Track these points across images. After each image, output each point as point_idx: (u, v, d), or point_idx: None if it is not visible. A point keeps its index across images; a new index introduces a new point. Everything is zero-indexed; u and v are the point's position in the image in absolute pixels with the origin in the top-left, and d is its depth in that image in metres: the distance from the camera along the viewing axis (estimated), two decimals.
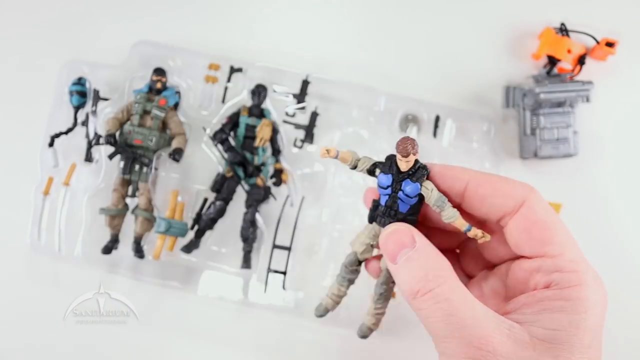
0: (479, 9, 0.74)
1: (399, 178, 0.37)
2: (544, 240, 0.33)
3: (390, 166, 0.37)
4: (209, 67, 0.70)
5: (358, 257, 0.41)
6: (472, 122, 0.70)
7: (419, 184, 0.36)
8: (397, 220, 0.37)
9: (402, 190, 0.37)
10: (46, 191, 0.68)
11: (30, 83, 0.72)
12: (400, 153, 0.35)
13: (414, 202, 0.37)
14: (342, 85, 0.69)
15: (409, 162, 0.36)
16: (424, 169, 0.37)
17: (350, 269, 0.41)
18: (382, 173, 0.37)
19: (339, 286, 0.42)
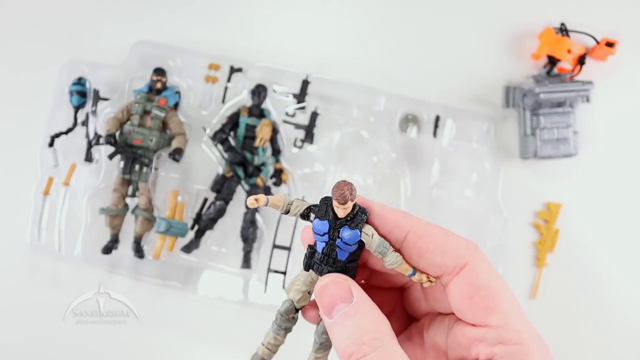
0: (479, 9, 0.74)
1: (336, 225, 0.33)
2: (487, 308, 0.31)
3: (326, 211, 0.33)
4: (209, 67, 0.70)
5: (295, 305, 0.37)
6: (472, 122, 0.70)
7: (358, 231, 0.33)
8: (336, 269, 0.34)
9: (340, 238, 0.33)
10: (46, 191, 0.68)
11: (30, 83, 0.72)
12: (337, 200, 0.32)
13: (354, 249, 0.34)
14: (342, 85, 0.69)
15: (347, 209, 0.33)
16: (363, 213, 0.33)
17: (286, 317, 0.38)
18: (318, 219, 0.34)
19: (275, 335, 0.39)
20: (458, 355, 0.33)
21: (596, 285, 0.70)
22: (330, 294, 0.33)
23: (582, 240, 0.70)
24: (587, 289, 0.70)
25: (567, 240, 0.70)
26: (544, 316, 0.68)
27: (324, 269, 0.35)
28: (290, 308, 0.38)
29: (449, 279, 0.32)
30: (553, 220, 0.70)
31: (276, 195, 0.34)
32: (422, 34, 0.74)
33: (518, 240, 0.70)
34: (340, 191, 0.32)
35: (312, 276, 0.36)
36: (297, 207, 0.34)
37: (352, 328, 0.31)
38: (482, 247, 0.71)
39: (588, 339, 0.69)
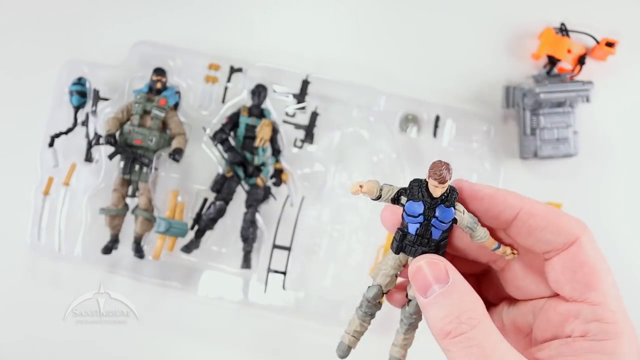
0: (479, 9, 0.74)
1: (431, 205, 0.34)
2: (588, 284, 0.32)
3: (420, 192, 0.34)
4: (209, 67, 0.70)
5: (382, 290, 0.38)
6: (472, 122, 0.70)
7: (453, 209, 0.34)
8: (431, 248, 0.35)
9: (436, 217, 0.34)
10: (46, 191, 0.68)
11: (30, 83, 0.72)
12: (437, 180, 0.33)
13: (447, 227, 0.35)
14: (342, 85, 0.69)
15: (444, 188, 0.33)
16: (454, 191, 0.35)
17: (373, 303, 0.38)
18: (412, 201, 0.35)
19: (361, 322, 0.39)
20: (548, 334, 0.33)
21: None
22: (427, 275, 0.34)
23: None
24: None
25: None
26: None
27: (417, 249, 0.36)
28: (378, 293, 0.38)
29: (554, 254, 0.33)
30: None
31: (370, 181, 0.34)
32: (422, 34, 0.74)
33: None
34: (439, 170, 0.33)
35: (401, 259, 0.37)
36: (388, 192, 0.35)
37: (450, 307, 0.32)
38: None
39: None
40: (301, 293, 0.67)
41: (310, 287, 0.68)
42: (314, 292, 0.68)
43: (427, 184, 0.34)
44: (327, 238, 0.68)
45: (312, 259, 0.68)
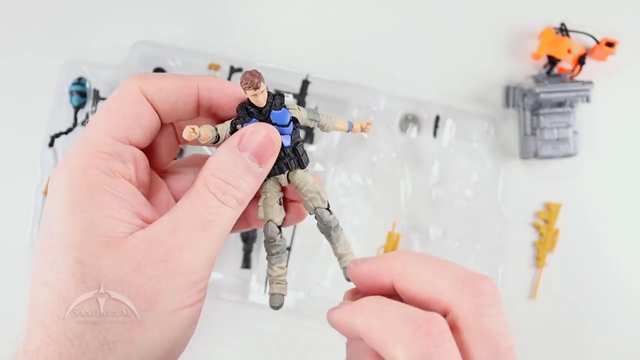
0: (479, 9, 0.74)
1: (263, 116, 0.33)
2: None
3: (248, 112, 0.33)
4: (209, 67, 0.70)
5: (276, 224, 0.36)
6: (472, 122, 0.70)
7: (285, 109, 0.33)
8: (291, 158, 0.34)
9: (275, 124, 0.33)
10: (46, 191, 0.68)
11: (30, 83, 0.72)
12: (251, 88, 0.32)
13: (291, 130, 0.34)
14: (342, 85, 0.69)
15: (264, 92, 0.33)
16: (279, 95, 0.34)
17: (274, 241, 0.36)
18: (245, 123, 0.33)
19: (277, 266, 0.37)
20: None
21: (597, 285, 0.70)
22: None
23: (582, 240, 0.70)
24: (588, 289, 0.70)
25: (567, 240, 0.70)
26: (544, 316, 0.68)
27: (280, 163, 0.34)
28: (272, 229, 0.36)
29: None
30: (553, 220, 0.70)
31: (204, 126, 0.33)
32: (422, 34, 0.74)
33: (518, 241, 0.70)
34: (247, 79, 0.32)
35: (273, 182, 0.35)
36: (224, 128, 0.34)
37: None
38: (482, 247, 0.71)
39: (588, 339, 0.69)
40: (301, 293, 0.67)
41: (310, 287, 0.68)
42: (314, 292, 0.68)
43: (249, 101, 0.33)
44: None
45: (312, 259, 0.68)
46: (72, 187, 0.29)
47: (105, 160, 0.29)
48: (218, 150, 0.32)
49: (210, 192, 0.31)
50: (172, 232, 0.29)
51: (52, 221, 0.29)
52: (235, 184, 0.31)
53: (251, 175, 0.32)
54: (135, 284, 0.28)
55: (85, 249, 0.28)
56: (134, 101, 0.31)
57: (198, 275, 0.30)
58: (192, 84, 0.33)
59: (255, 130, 0.32)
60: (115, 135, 0.30)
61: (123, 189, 0.30)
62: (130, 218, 0.30)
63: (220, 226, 0.31)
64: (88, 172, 0.29)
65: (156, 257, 0.29)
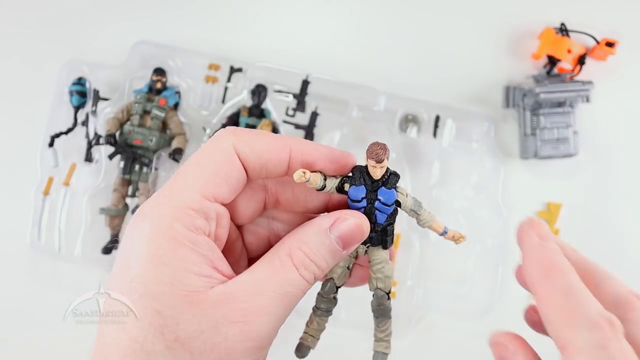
0: (479, 9, 0.74)
1: (372, 188, 0.34)
2: None
3: (361, 177, 0.34)
4: (209, 67, 0.70)
5: (335, 283, 0.38)
6: (472, 122, 0.70)
7: (394, 190, 0.34)
8: (377, 233, 0.35)
9: (379, 200, 0.34)
10: (46, 191, 0.68)
11: (30, 83, 0.72)
12: (373, 159, 0.33)
13: (391, 211, 0.35)
14: (342, 85, 0.69)
15: (383, 168, 0.33)
16: (395, 175, 0.35)
17: (327, 298, 0.38)
18: (354, 186, 0.34)
19: (318, 320, 0.39)
20: None
21: None
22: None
23: (582, 240, 0.70)
24: None
25: (567, 240, 0.70)
26: None
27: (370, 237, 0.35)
28: (331, 287, 0.38)
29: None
30: (553, 220, 0.70)
31: (315, 173, 0.34)
32: (422, 34, 0.74)
33: None
34: (375, 151, 0.33)
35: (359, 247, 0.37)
36: (332, 182, 0.35)
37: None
38: (482, 247, 0.71)
39: None
40: None
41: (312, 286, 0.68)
42: (313, 292, 0.68)
43: (367, 168, 0.34)
44: None
45: None
46: (156, 238, 0.29)
47: (190, 217, 0.30)
48: (310, 225, 0.33)
49: (293, 265, 0.32)
50: (252, 295, 0.30)
51: (131, 265, 0.29)
52: (318, 263, 0.33)
53: (333, 255, 0.33)
54: (211, 341, 0.29)
55: (166, 301, 0.29)
56: (226, 159, 0.32)
57: (268, 340, 0.32)
58: (285, 146, 0.33)
59: (350, 217, 0.33)
60: (204, 193, 0.31)
61: (204, 245, 0.30)
62: (210, 272, 0.30)
63: (296, 297, 0.33)
64: (174, 226, 0.29)
65: (234, 317, 0.30)
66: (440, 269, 0.68)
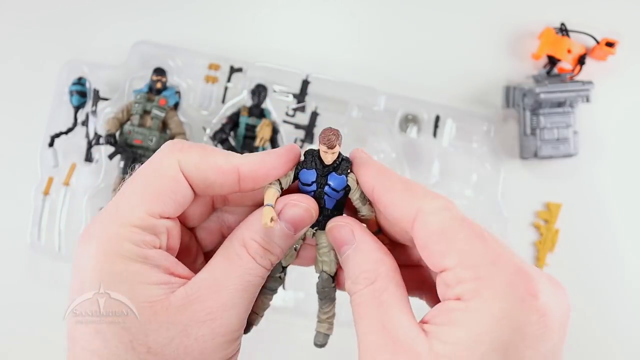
0: (479, 9, 0.74)
1: (323, 172, 0.34)
2: (440, 253, 0.30)
3: (312, 161, 0.34)
4: (209, 67, 0.70)
5: (282, 264, 0.37)
6: (472, 122, 0.70)
7: (345, 176, 0.34)
8: (325, 217, 0.35)
9: (328, 185, 0.34)
10: (46, 191, 0.68)
11: (30, 83, 0.72)
12: (325, 144, 0.33)
13: (340, 197, 0.35)
14: (342, 85, 0.69)
15: (334, 154, 0.33)
16: (347, 161, 0.34)
17: (274, 277, 0.38)
18: (304, 169, 0.34)
19: (263, 298, 0.39)
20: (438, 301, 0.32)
21: (596, 285, 0.70)
22: (335, 237, 0.34)
23: (582, 240, 0.70)
24: (588, 288, 0.70)
25: (567, 240, 0.70)
26: None
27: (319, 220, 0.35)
28: (277, 267, 0.37)
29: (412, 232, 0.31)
30: (553, 220, 0.70)
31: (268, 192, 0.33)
32: (422, 34, 0.74)
33: (518, 240, 0.70)
34: (327, 136, 0.33)
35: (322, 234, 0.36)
36: (286, 179, 0.34)
37: (353, 267, 0.33)
38: None
39: (590, 339, 0.69)
40: (301, 293, 0.67)
41: (310, 287, 0.67)
42: (314, 292, 0.68)
43: (319, 153, 0.34)
44: None
45: None
46: (107, 258, 0.29)
47: (138, 234, 0.30)
48: (260, 214, 0.33)
49: (249, 255, 0.32)
50: (213, 292, 0.31)
51: (86, 288, 0.30)
52: (272, 250, 0.33)
53: (285, 241, 0.34)
54: (183, 345, 0.29)
55: (129, 317, 0.29)
56: (171, 177, 0.32)
57: (238, 332, 0.32)
58: (233, 169, 0.33)
59: (298, 202, 0.34)
60: (150, 211, 0.31)
61: (156, 257, 0.30)
62: (168, 279, 0.30)
63: (257, 285, 0.33)
64: (123, 245, 0.29)
65: (201, 317, 0.30)
66: None
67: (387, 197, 0.32)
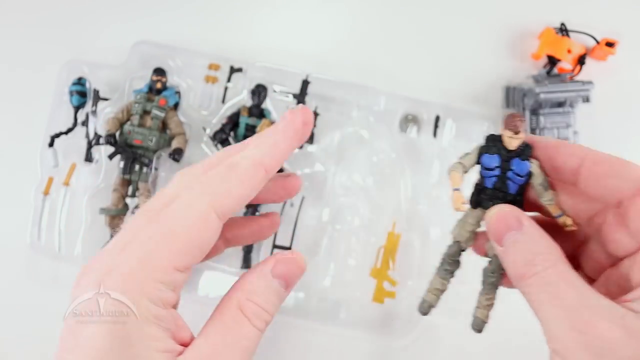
0: (479, 9, 0.74)
1: (507, 157, 0.36)
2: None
3: (495, 146, 0.36)
4: (209, 67, 0.70)
5: (461, 246, 0.39)
6: (472, 122, 0.70)
7: (528, 162, 0.35)
8: (507, 202, 0.36)
9: (512, 170, 0.36)
10: (46, 191, 0.68)
11: (30, 83, 0.72)
12: (511, 130, 0.35)
13: (523, 182, 0.36)
14: (342, 85, 0.69)
15: (519, 139, 0.35)
16: (528, 147, 0.36)
17: (452, 260, 0.39)
18: (487, 154, 0.36)
19: (442, 280, 0.40)
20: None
21: None
22: (500, 223, 0.34)
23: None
24: None
25: None
26: None
27: (495, 203, 0.36)
28: (457, 250, 0.39)
29: (628, 204, 0.32)
30: None
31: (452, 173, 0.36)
32: (422, 34, 0.74)
33: None
34: (513, 121, 0.35)
35: (481, 214, 0.38)
36: (471, 160, 0.37)
37: (523, 252, 0.32)
38: None
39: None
40: (301, 293, 0.67)
41: (310, 287, 0.68)
42: (314, 292, 0.68)
43: (501, 138, 0.36)
44: (327, 238, 0.68)
45: (312, 259, 0.68)
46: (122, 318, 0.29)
47: (160, 292, 0.29)
48: (252, 274, 0.34)
49: (245, 317, 0.32)
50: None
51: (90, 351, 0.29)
52: (268, 309, 0.33)
53: (279, 298, 0.34)
54: None
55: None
56: (202, 225, 0.30)
57: None
58: (256, 172, 0.33)
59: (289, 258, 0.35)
60: (177, 266, 0.30)
61: (168, 318, 0.30)
62: (172, 347, 0.30)
63: (253, 350, 0.33)
64: (141, 303, 0.29)
65: None
66: None
67: (603, 166, 0.33)
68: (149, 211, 0.31)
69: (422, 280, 0.68)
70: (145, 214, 0.31)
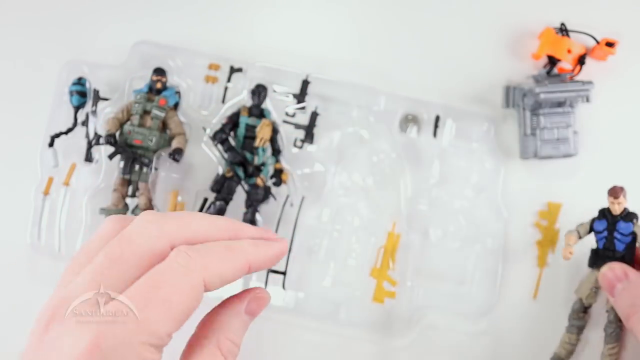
0: (479, 8, 0.74)
1: (612, 221, 0.45)
2: None
3: (603, 213, 0.47)
4: (209, 67, 0.70)
5: (584, 304, 0.48)
6: (472, 122, 0.70)
7: (631, 223, 0.44)
8: (616, 259, 0.44)
9: (617, 230, 0.45)
10: (46, 191, 0.68)
11: (30, 83, 0.72)
12: (612, 196, 0.44)
13: (629, 240, 0.44)
14: (342, 85, 0.69)
15: (621, 204, 0.45)
16: (633, 214, 0.45)
17: (578, 316, 0.48)
18: (597, 220, 0.47)
19: (570, 335, 0.49)
20: None
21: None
22: (609, 277, 0.43)
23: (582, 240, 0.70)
24: None
25: None
26: (545, 316, 0.68)
27: (606, 262, 0.46)
28: (580, 307, 0.49)
29: None
30: (553, 220, 0.70)
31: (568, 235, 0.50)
32: (421, 34, 0.74)
33: (518, 241, 0.70)
34: (614, 189, 0.46)
35: (596, 274, 0.47)
36: (585, 228, 0.48)
37: (629, 297, 0.41)
38: (482, 247, 0.71)
39: (588, 339, 0.69)
40: (301, 293, 0.67)
41: (310, 287, 0.68)
42: (314, 292, 0.68)
43: (608, 209, 0.46)
44: (327, 238, 0.68)
45: (312, 259, 0.68)
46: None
47: (151, 354, 0.32)
48: (226, 312, 0.36)
49: (222, 356, 0.34)
50: None
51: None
52: (239, 344, 0.36)
53: (246, 330, 0.37)
54: None
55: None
56: (194, 298, 0.34)
57: None
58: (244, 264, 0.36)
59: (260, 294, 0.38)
60: (170, 332, 0.33)
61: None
62: None
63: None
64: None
65: None
66: (440, 269, 0.68)
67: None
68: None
69: (422, 280, 0.68)
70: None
